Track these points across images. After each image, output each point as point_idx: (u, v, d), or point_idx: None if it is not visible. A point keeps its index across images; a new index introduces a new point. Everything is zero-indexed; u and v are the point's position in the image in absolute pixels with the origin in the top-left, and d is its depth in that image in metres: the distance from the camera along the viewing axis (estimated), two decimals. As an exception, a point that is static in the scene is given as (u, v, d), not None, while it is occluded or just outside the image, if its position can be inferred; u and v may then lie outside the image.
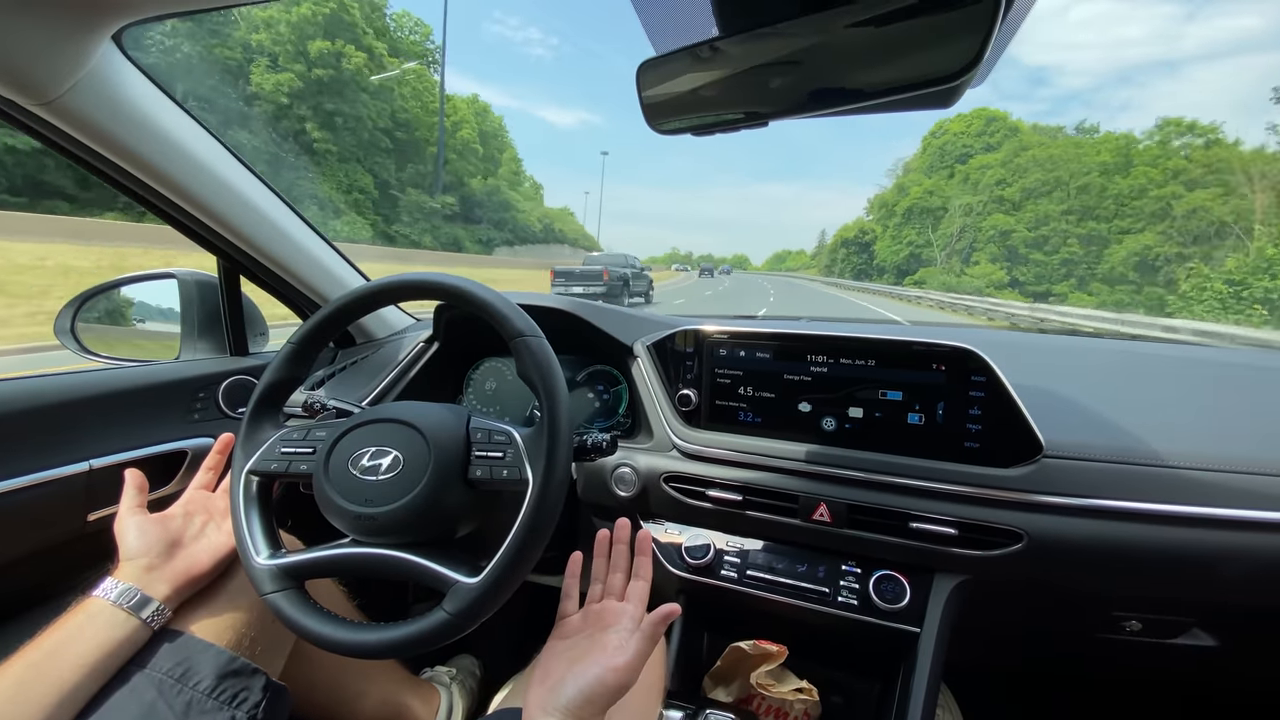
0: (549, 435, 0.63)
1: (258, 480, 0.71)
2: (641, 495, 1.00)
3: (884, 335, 0.88)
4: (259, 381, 0.75)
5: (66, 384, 0.91)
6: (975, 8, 0.45)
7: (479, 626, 0.60)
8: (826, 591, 0.88)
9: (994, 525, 0.80)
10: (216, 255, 1.10)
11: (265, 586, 0.64)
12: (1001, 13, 0.45)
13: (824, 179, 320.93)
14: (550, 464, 0.62)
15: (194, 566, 0.71)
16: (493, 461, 0.66)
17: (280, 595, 0.64)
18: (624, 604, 0.72)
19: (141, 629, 0.64)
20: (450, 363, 1.27)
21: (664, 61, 0.64)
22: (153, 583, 0.67)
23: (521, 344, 0.67)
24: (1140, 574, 0.79)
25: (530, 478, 0.63)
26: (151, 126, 0.84)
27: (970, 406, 0.83)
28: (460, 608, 0.59)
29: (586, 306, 1.12)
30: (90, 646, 0.61)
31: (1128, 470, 0.78)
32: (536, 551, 0.61)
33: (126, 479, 0.76)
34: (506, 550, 0.60)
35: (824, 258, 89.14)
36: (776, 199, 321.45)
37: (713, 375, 0.99)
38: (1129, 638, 0.88)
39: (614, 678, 0.61)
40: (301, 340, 0.75)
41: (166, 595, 0.67)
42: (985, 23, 0.46)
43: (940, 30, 0.50)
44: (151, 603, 0.66)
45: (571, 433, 0.65)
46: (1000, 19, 0.45)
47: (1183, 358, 1.17)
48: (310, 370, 0.79)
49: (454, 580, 0.60)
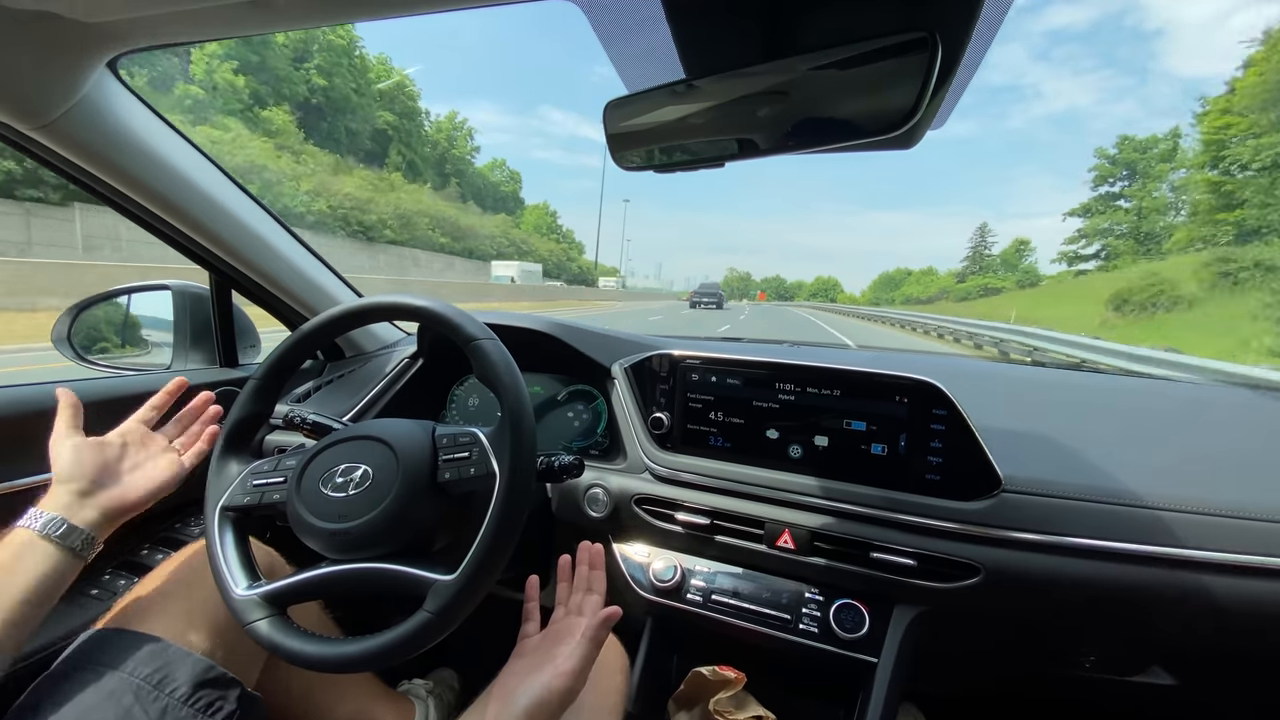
0: (511, 427, 0.65)
1: (232, 515, 0.71)
2: (613, 516, 1.02)
3: (850, 366, 0.90)
4: (226, 418, 0.77)
5: (45, 393, 0.94)
6: (910, 62, 0.48)
7: (459, 639, 0.61)
8: (788, 618, 0.89)
9: (952, 558, 0.81)
10: (208, 270, 1.13)
11: (246, 617, 0.64)
12: (936, 68, 0.47)
13: (942, 205, 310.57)
14: (515, 454, 0.64)
15: (126, 494, 0.71)
16: (459, 462, 0.67)
17: (262, 623, 0.64)
18: (578, 618, 0.73)
19: (72, 558, 0.64)
20: (435, 379, 1.29)
21: (630, 101, 0.66)
22: (82, 509, 0.67)
23: (476, 347, 0.68)
24: (1096, 611, 0.79)
25: (497, 470, 0.64)
26: (145, 148, 0.88)
27: (931, 439, 0.84)
28: (441, 605, 0.59)
29: (565, 328, 1.14)
30: (23, 579, 0.60)
31: (1086, 508, 0.79)
32: (511, 542, 0.62)
33: (59, 398, 0.74)
34: (480, 543, 0.61)
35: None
36: (889, 227, 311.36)
37: (685, 399, 1.01)
38: (1087, 674, 0.88)
39: (560, 682, 0.62)
40: (265, 375, 0.77)
41: (95, 521, 0.67)
42: (920, 77, 0.48)
43: (884, 82, 0.53)
44: (79, 531, 0.65)
45: (533, 422, 0.66)
46: (935, 74, 0.48)
47: (1150, 392, 1.18)
48: (278, 399, 0.80)
49: (432, 579, 0.61)
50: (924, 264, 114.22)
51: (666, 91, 0.64)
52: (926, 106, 0.51)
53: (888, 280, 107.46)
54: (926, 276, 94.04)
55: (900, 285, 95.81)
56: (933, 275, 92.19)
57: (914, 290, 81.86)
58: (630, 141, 0.68)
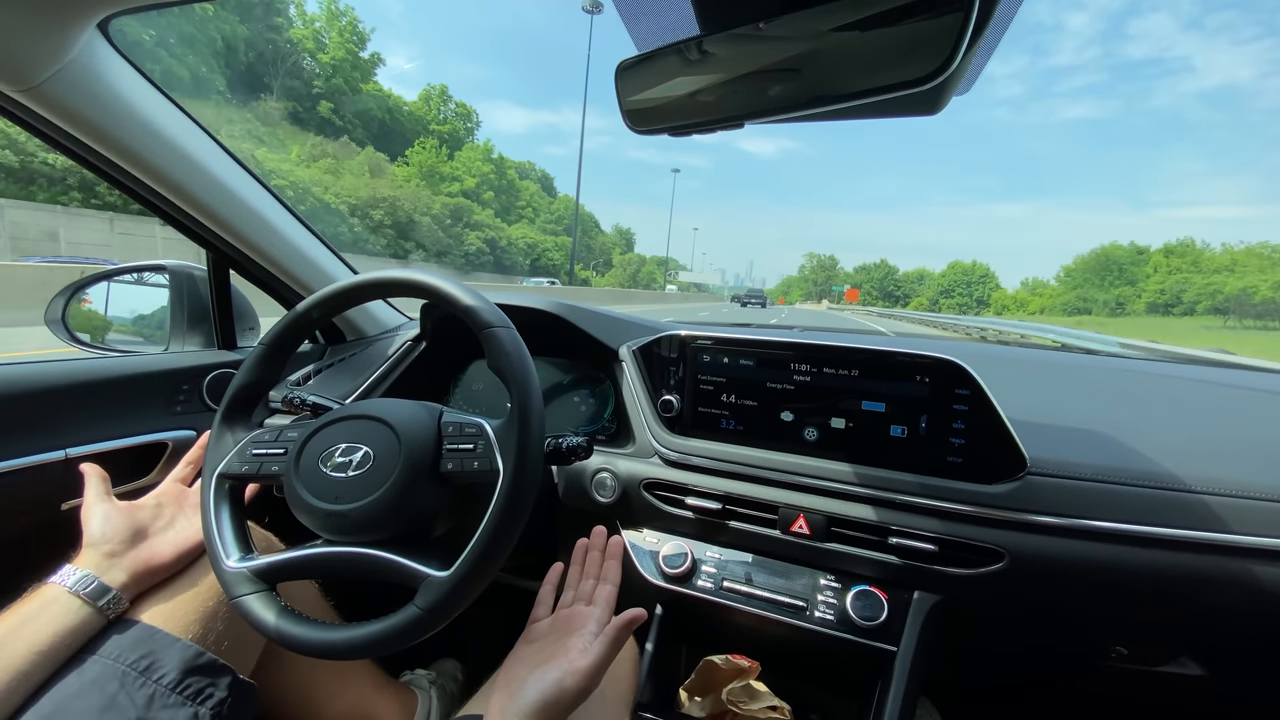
0: (520, 425, 0.62)
1: (229, 482, 0.70)
2: (621, 501, 0.99)
3: (868, 345, 0.87)
4: (230, 383, 0.75)
5: (45, 372, 0.91)
6: (945, 19, 0.45)
7: (461, 629, 0.59)
8: (803, 605, 0.86)
9: (974, 543, 0.78)
10: (205, 247, 1.10)
11: (235, 590, 0.64)
12: (973, 22, 0.45)
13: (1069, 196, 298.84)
14: (521, 454, 0.61)
15: (155, 556, 0.71)
16: (464, 454, 0.65)
17: (250, 598, 0.63)
18: (590, 608, 0.71)
19: (96, 616, 0.64)
20: (438, 363, 1.26)
21: (643, 61, 0.63)
22: (111, 570, 0.67)
23: (491, 335, 0.66)
24: (1126, 598, 0.76)
25: (501, 468, 0.62)
26: (137, 116, 0.84)
27: (954, 420, 0.81)
28: (431, 602, 0.58)
29: (572, 309, 1.11)
30: (44, 633, 0.60)
31: (1118, 490, 0.76)
32: (508, 543, 0.60)
33: (86, 473, 0.76)
34: (477, 542, 0.59)
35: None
36: (1007, 219, 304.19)
37: (696, 381, 0.98)
38: (1115, 664, 0.85)
39: (573, 681, 0.60)
40: (272, 342, 0.75)
41: (124, 583, 0.67)
42: (955, 31, 0.46)
43: (916, 36, 0.50)
44: (109, 591, 0.65)
45: (542, 421, 0.64)
46: (970, 29, 0.45)
47: (1178, 377, 1.14)
48: (283, 371, 0.78)
49: (425, 575, 0.59)
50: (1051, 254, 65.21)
51: (680, 50, 0.61)
52: (957, 66, 0.48)
53: (1103, 263, 60.72)
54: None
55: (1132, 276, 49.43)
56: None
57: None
58: (643, 103, 0.65)
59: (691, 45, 0.60)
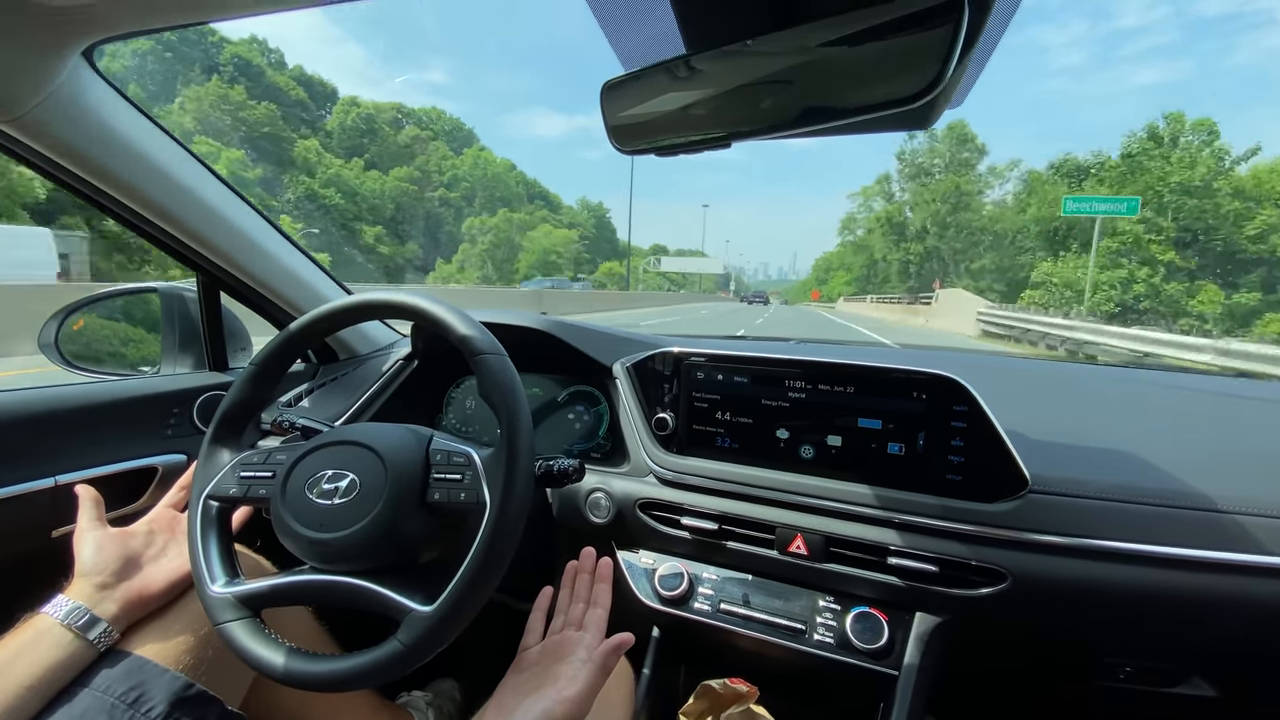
0: (507, 457, 0.61)
1: (216, 505, 0.69)
2: (617, 522, 0.97)
3: (864, 361, 0.85)
4: (220, 404, 0.74)
5: (35, 398, 0.90)
6: (935, 32, 0.45)
7: (459, 649, 0.58)
8: (802, 628, 0.84)
9: (976, 563, 0.76)
10: (194, 270, 1.09)
11: (218, 616, 0.63)
12: (963, 35, 0.44)
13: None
14: (508, 486, 0.60)
15: (147, 587, 0.70)
16: (450, 484, 0.64)
17: (233, 625, 0.62)
18: (580, 634, 0.69)
19: (87, 649, 0.63)
20: (430, 381, 1.25)
21: (628, 81, 0.62)
22: (103, 602, 0.66)
23: (482, 362, 0.65)
24: (1135, 620, 0.74)
25: (488, 500, 0.61)
26: (123, 142, 0.84)
27: (952, 437, 0.79)
28: (414, 637, 0.57)
29: (564, 326, 1.10)
30: (35, 667, 0.59)
31: (1123, 509, 0.74)
32: (494, 577, 0.59)
33: (80, 495, 0.74)
34: (462, 576, 0.58)
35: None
36: None
37: (690, 399, 0.96)
38: (1123, 685, 0.83)
39: (562, 710, 0.59)
40: (263, 362, 0.74)
41: (115, 615, 0.66)
42: (946, 44, 0.45)
43: (906, 50, 0.49)
44: (100, 623, 0.64)
45: (532, 454, 0.63)
46: (960, 41, 0.44)
47: (1182, 387, 1.13)
48: (274, 391, 0.77)
49: (409, 609, 0.58)
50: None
51: (667, 69, 0.60)
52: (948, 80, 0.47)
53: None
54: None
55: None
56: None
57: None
58: (629, 123, 0.64)
59: (679, 63, 0.59)
